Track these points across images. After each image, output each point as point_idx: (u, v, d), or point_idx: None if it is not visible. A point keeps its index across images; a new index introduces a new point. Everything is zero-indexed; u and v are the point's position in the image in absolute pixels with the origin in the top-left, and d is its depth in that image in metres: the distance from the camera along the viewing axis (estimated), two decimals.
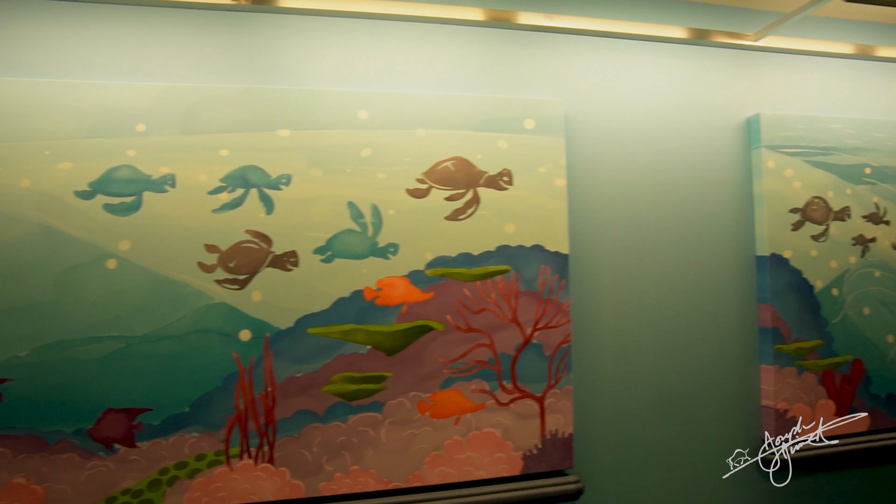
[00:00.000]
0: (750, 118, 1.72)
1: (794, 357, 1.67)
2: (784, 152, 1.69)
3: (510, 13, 1.50)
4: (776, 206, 1.68)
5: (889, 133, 1.82)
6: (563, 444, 1.46)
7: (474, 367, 1.41)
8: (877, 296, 1.78)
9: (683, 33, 1.64)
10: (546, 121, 1.48)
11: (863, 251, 1.77)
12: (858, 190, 1.78)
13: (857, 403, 1.74)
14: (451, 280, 1.40)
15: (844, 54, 1.82)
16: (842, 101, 1.83)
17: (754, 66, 1.75)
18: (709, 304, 1.67)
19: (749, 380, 1.70)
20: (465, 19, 1.47)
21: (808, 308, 1.70)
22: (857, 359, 1.75)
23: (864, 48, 1.82)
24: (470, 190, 1.42)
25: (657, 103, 1.65)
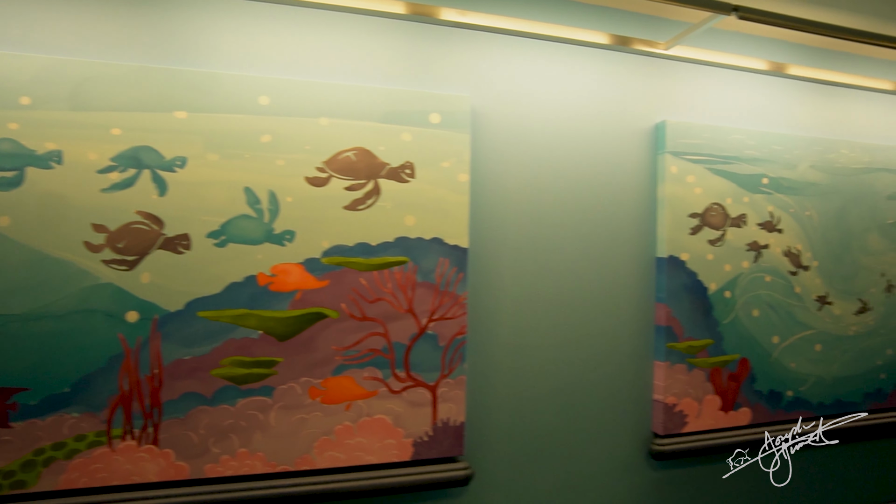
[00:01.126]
0: (657, 124, 1.78)
1: (685, 354, 1.76)
2: (687, 159, 1.77)
3: (423, 7, 1.51)
4: (677, 210, 1.75)
5: (786, 146, 1.92)
6: (453, 432, 1.51)
7: (368, 355, 1.44)
8: (766, 299, 1.88)
9: (596, 38, 1.69)
10: (452, 116, 1.51)
11: (756, 257, 1.87)
12: (755, 199, 1.87)
13: (742, 399, 1.85)
14: (348, 269, 1.42)
15: (750, 68, 1.90)
16: (745, 113, 1.91)
17: (665, 75, 1.82)
18: (609, 301, 1.73)
19: (643, 375, 1.78)
20: (374, 10, 1.47)
21: (701, 308, 1.78)
22: (744, 357, 1.85)
23: (770, 64, 1.91)
24: (371, 181, 1.44)
25: (568, 105, 1.70)
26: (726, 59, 1.85)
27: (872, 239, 2.09)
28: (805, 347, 1.96)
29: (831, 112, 2.08)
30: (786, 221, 1.92)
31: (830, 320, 2.00)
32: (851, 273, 2.04)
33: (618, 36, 1.71)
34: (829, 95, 2.07)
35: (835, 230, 2.01)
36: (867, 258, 2.08)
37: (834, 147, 2.02)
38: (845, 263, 2.03)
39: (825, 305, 1.99)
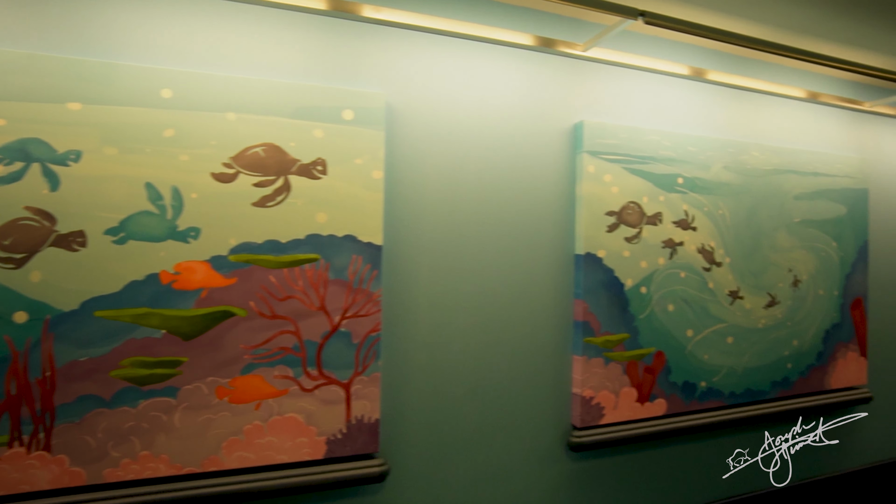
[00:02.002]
0: (576, 124, 1.82)
1: (603, 349, 1.82)
2: (604, 158, 1.82)
3: (339, 2, 1.50)
4: (594, 208, 1.80)
5: (701, 148, 2.00)
6: (368, 429, 1.51)
7: (278, 353, 1.42)
8: (681, 294, 1.96)
9: (515, 38, 1.71)
10: (366, 112, 1.50)
11: (671, 254, 1.94)
12: (671, 198, 1.94)
13: (657, 391, 1.92)
14: (256, 266, 1.40)
15: (667, 72, 1.96)
16: (661, 114, 1.98)
17: (585, 76, 1.86)
18: (528, 298, 1.77)
19: (562, 369, 1.82)
20: (287, 4, 1.45)
21: (617, 304, 1.84)
22: (660, 351, 1.92)
23: (687, 69, 1.98)
24: (281, 177, 1.42)
25: (488, 104, 1.72)
26: (645, 62, 1.91)
27: (781, 236, 2.20)
28: (718, 340, 2.05)
29: (744, 116, 2.17)
30: (700, 220, 2.00)
31: (741, 314, 2.10)
32: (761, 269, 2.15)
33: (537, 37, 1.74)
34: (742, 100, 2.17)
35: (746, 228, 2.11)
36: (776, 255, 2.19)
37: (746, 149, 2.11)
38: (755, 260, 2.14)
39: (737, 300, 2.09)
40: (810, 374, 2.30)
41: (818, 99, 2.33)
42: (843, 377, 2.39)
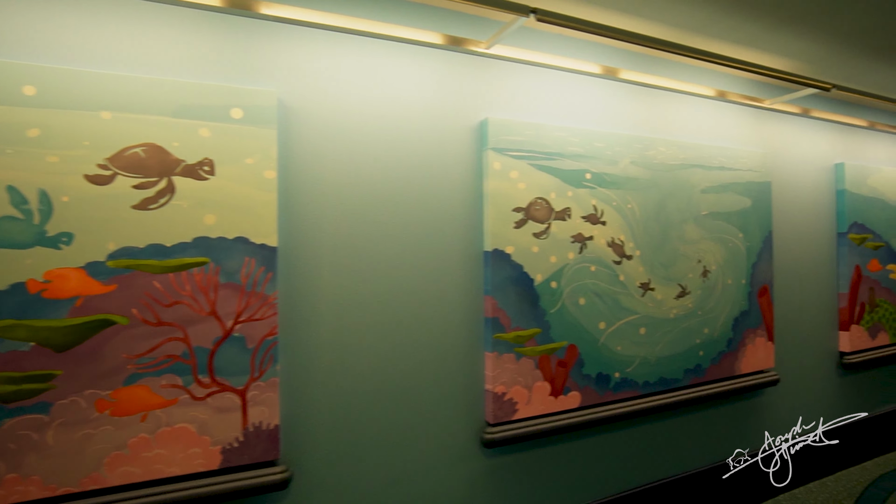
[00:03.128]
0: (481, 122, 1.83)
1: (513, 344, 1.83)
2: (510, 155, 1.83)
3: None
4: (501, 204, 1.81)
5: (608, 143, 2.05)
6: (267, 436, 1.46)
7: (165, 361, 1.36)
8: (592, 288, 2.00)
9: (419, 35, 1.70)
10: (256, 111, 1.46)
11: (581, 248, 1.97)
12: (579, 193, 1.97)
13: (571, 384, 1.95)
14: (139, 272, 1.34)
15: (574, 69, 2.00)
16: (568, 111, 2.01)
17: (491, 74, 1.87)
18: (437, 295, 1.76)
19: (475, 366, 1.82)
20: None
21: (527, 299, 1.86)
22: (572, 344, 1.95)
23: (594, 66, 2.02)
24: (164, 178, 1.36)
25: (392, 102, 1.70)
26: (551, 60, 1.94)
27: (689, 229, 2.28)
28: (630, 331, 2.10)
29: (651, 112, 2.24)
30: (609, 214, 2.04)
31: (653, 305, 2.16)
32: (671, 260, 2.22)
33: (441, 34, 1.74)
34: (649, 97, 2.24)
35: (655, 221, 2.17)
36: (685, 246, 2.27)
37: (653, 145, 2.18)
38: (665, 252, 2.20)
39: (648, 291, 2.15)
40: (721, 360, 2.39)
41: (722, 96, 2.43)
42: (752, 362, 2.50)
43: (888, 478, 2.87)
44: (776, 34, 2.06)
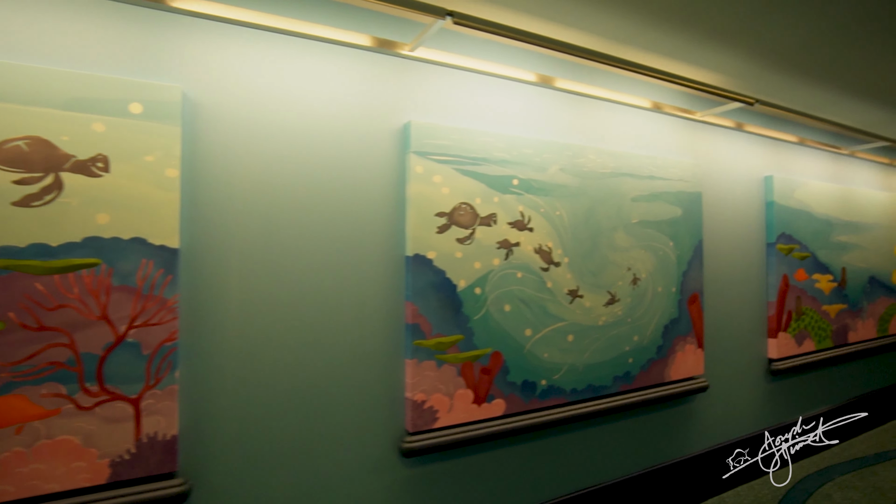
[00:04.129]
0: (405, 125, 1.81)
1: (434, 351, 1.80)
2: (434, 159, 1.81)
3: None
4: (423, 209, 1.79)
5: (537, 150, 2.05)
6: (163, 447, 1.39)
7: (47, 368, 1.28)
8: (518, 294, 1.99)
9: (340, 35, 1.67)
10: (158, 106, 1.39)
11: (507, 254, 1.97)
12: (506, 199, 1.97)
13: (495, 391, 1.94)
14: (18, 273, 1.25)
15: (502, 75, 2.00)
16: (495, 117, 2.01)
17: (417, 77, 1.85)
18: (356, 301, 1.72)
19: (395, 373, 1.79)
20: None
21: (449, 305, 1.84)
22: (497, 351, 1.94)
23: (527, 74, 2.03)
24: (50, 174, 1.28)
25: (311, 102, 1.66)
26: (479, 65, 1.93)
27: (619, 237, 2.31)
28: (558, 338, 2.10)
29: (581, 120, 2.26)
30: (536, 220, 2.05)
31: (581, 312, 2.18)
32: (600, 268, 2.24)
33: (364, 35, 1.71)
34: (580, 105, 2.26)
35: (584, 229, 2.19)
36: (615, 254, 2.29)
37: (583, 152, 2.20)
38: (594, 259, 2.22)
39: (576, 298, 2.16)
40: (651, 367, 2.42)
41: (657, 108, 2.48)
42: (682, 369, 2.54)
43: (810, 480, 2.96)
44: (701, 48, 2.11)
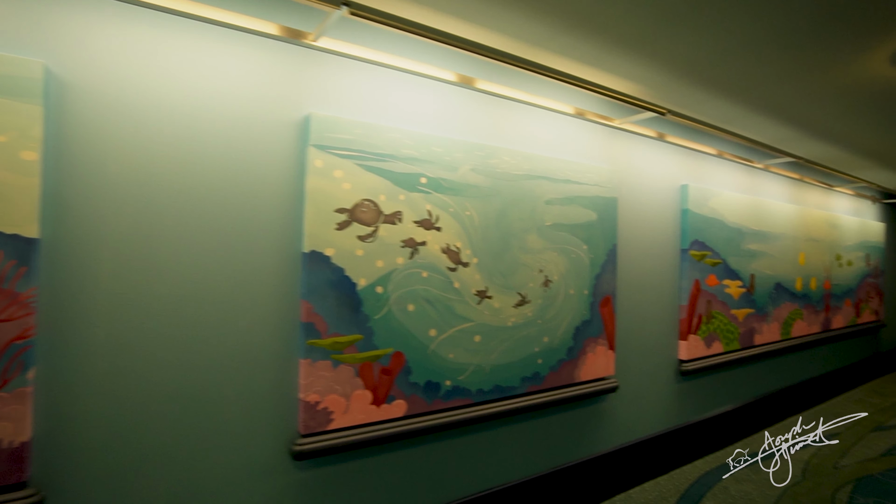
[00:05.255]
0: (305, 117, 1.74)
1: (330, 351, 1.75)
2: (335, 153, 1.76)
3: None
4: (321, 204, 1.73)
5: (447, 148, 2.03)
6: (11, 455, 1.28)
7: None
8: (423, 294, 1.97)
9: (237, 20, 1.59)
10: (13, 82, 1.28)
11: (412, 253, 1.94)
12: (412, 197, 1.94)
13: (396, 392, 1.90)
14: None
15: (413, 71, 1.97)
16: (404, 113, 1.98)
17: (320, 68, 1.79)
18: (248, 299, 1.65)
19: (289, 374, 1.73)
20: None
21: (348, 304, 1.79)
22: (399, 351, 1.91)
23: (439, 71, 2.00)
24: None
25: (203, 89, 1.57)
26: (388, 59, 1.89)
27: (532, 239, 2.33)
28: (464, 339, 2.09)
29: (495, 121, 2.26)
30: (445, 220, 2.03)
31: (490, 313, 2.18)
32: (511, 269, 2.25)
33: (265, 21, 1.64)
34: (494, 106, 2.26)
35: (495, 229, 2.19)
36: (526, 256, 2.31)
37: (496, 153, 2.20)
38: (505, 261, 2.23)
39: (485, 299, 2.16)
40: (561, 368, 2.45)
41: (576, 113, 2.52)
42: (592, 369, 2.60)
43: (712, 474, 3.10)
44: (611, 55, 2.15)
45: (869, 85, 2.45)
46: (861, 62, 2.18)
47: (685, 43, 2.03)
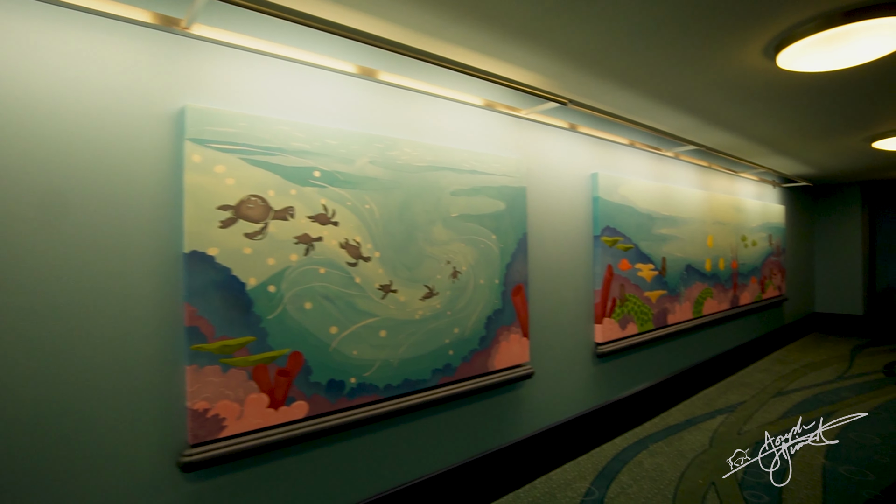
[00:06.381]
0: (181, 109, 1.64)
1: (219, 355, 1.67)
2: (216, 147, 1.67)
3: None
4: (202, 201, 1.64)
5: (342, 141, 1.98)
6: None
7: None
8: (321, 291, 1.91)
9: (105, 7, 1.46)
10: None
11: (307, 249, 1.87)
12: (305, 191, 1.87)
13: (295, 393, 1.84)
14: None
15: (306, 62, 1.90)
16: (295, 105, 1.90)
17: (198, 57, 1.69)
18: (124, 305, 1.53)
19: (174, 382, 1.63)
20: None
21: (237, 305, 1.71)
22: (297, 351, 1.84)
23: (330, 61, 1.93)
24: None
25: (64, 77, 1.43)
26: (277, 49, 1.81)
27: (438, 230, 2.31)
28: (368, 334, 2.05)
29: (394, 113, 2.23)
30: (342, 214, 1.97)
31: (395, 307, 2.15)
32: (416, 262, 2.22)
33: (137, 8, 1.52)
34: (393, 96, 2.22)
35: (398, 222, 2.16)
36: (433, 248, 2.29)
37: (396, 145, 2.16)
38: (410, 253, 2.20)
39: (389, 293, 2.13)
40: (473, 358, 2.46)
41: (474, 103, 2.52)
42: (506, 357, 2.62)
43: (629, 450, 3.23)
44: (507, 45, 2.16)
45: (749, 76, 2.59)
46: (738, 54, 2.29)
47: (579, 32, 2.06)
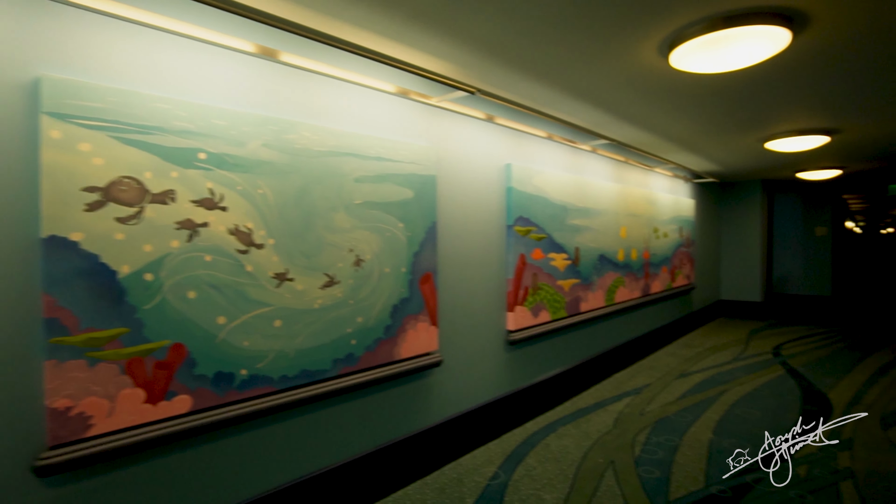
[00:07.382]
0: (35, 79, 1.49)
1: (84, 349, 1.55)
2: (79, 123, 1.53)
3: None
4: (62, 182, 1.51)
5: (232, 122, 1.88)
6: None
7: None
8: (206, 279, 1.82)
9: None
10: None
11: (190, 235, 1.77)
12: (189, 174, 1.77)
13: (177, 387, 1.75)
14: None
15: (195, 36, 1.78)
16: (178, 81, 1.79)
17: (59, 23, 1.54)
18: None
19: (30, 379, 1.49)
20: None
21: (107, 295, 1.59)
22: (178, 343, 1.75)
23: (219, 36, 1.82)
24: None
25: None
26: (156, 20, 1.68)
27: (340, 218, 2.26)
28: (261, 324, 1.98)
29: (298, 95, 2.14)
30: (232, 199, 1.88)
31: (292, 296, 2.08)
32: (315, 250, 2.16)
33: None
34: (298, 80, 2.14)
35: (295, 209, 2.09)
36: (334, 236, 2.24)
37: (293, 128, 2.08)
38: (308, 241, 2.14)
39: (285, 282, 2.06)
40: (378, 347, 2.44)
41: (384, 89, 2.47)
42: (413, 346, 2.62)
43: (538, 434, 3.33)
44: (411, 31, 2.12)
45: (647, 74, 2.70)
46: (636, 51, 2.38)
47: (481, 21, 2.06)
